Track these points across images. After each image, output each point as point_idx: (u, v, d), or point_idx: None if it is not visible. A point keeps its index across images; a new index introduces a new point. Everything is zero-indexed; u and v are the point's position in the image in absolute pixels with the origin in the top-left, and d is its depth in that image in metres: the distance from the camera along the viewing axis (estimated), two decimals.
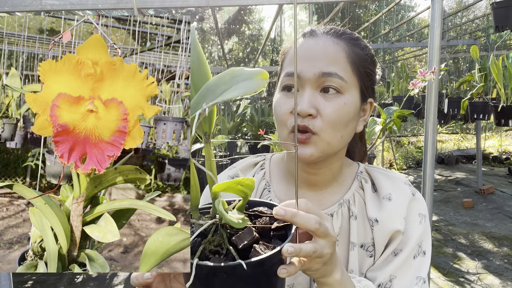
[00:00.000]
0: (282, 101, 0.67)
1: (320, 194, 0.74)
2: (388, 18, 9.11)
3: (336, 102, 0.64)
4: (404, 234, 0.68)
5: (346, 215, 0.71)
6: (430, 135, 1.84)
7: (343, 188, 0.74)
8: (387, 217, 0.69)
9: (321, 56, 0.65)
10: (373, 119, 2.42)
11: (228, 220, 0.47)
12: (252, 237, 0.48)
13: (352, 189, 0.73)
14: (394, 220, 0.68)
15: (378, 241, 0.69)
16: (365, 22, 9.13)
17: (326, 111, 0.64)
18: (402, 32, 8.68)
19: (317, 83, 0.65)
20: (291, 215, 0.49)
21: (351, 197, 0.72)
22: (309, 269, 0.52)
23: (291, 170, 0.75)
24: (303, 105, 0.63)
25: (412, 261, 0.67)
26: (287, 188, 0.75)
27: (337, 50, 0.66)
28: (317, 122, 0.64)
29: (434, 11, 1.74)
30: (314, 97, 0.64)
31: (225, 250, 0.48)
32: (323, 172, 0.72)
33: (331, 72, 0.64)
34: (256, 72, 0.45)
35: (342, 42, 0.67)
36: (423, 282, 0.66)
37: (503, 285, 3.06)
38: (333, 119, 0.64)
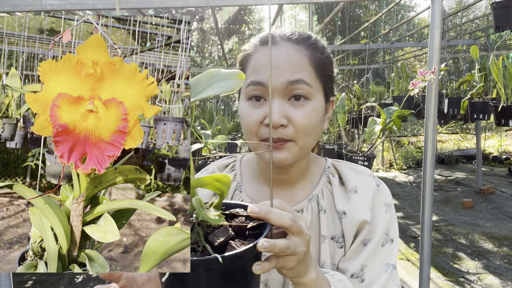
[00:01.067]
0: (249, 111, 0.67)
1: (291, 191, 0.76)
2: (388, 18, 9.11)
3: (305, 109, 0.66)
4: (371, 224, 0.71)
5: (316, 209, 0.74)
6: (430, 135, 1.84)
7: (312, 184, 0.77)
8: (354, 209, 0.71)
9: (286, 64, 0.65)
10: (373, 119, 2.42)
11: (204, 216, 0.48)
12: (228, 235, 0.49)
13: (320, 184, 0.76)
14: (361, 211, 0.71)
15: (347, 232, 0.71)
16: (365, 22, 9.13)
17: (297, 119, 0.65)
18: (402, 32, 8.68)
19: (285, 92, 0.65)
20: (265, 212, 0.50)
21: (319, 192, 0.75)
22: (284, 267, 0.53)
23: (261, 170, 0.77)
24: (274, 116, 0.64)
25: (380, 249, 0.70)
26: (259, 188, 0.77)
27: (300, 57, 0.67)
28: (290, 131, 0.65)
29: (434, 11, 1.74)
30: (284, 107, 0.65)
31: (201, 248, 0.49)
32: (293, 171, 0.74)
33: (298, 80, 0.65)
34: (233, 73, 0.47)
35: (304, 48, 0.68)
36: (393, 269, 0.70)
37: (503, 285, 3.06)
38: (305, 126, 0.65)
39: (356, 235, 0.72)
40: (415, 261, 3.53)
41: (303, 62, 0.67)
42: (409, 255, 3.70)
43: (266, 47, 0.69)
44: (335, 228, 0.73)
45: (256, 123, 0.66)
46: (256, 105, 0.67)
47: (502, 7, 2.83)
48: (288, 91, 0.66)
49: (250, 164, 0.81)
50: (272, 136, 0.64)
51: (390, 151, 8.21)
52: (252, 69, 0.69)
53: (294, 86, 0.65)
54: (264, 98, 0.66)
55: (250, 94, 0.67)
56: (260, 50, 0.69)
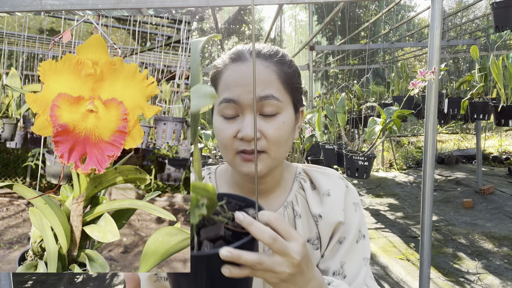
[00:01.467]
0: (223, 126, 0.70)
1: (267, 199, 0.79)
2: (388, 18, 9.11)
3: (276, 122, 0.69)
4: (345, 223, 0.76)
5: (292, 215, 0.77)
6: (430, 135, 1.84)
7: (286, 191, 0.80)
8: (329, 211, 0.76)
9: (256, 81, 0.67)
10: (373, 119, 2.42)
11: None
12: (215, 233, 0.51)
13: (293, 190, 0.80)
14: (336, 213, 0.76)
15: (323, 234, 0.76)
16: (365, 22, 9.13)
17: (268, 132, 0.68)
18: (402, 32, 8.68)
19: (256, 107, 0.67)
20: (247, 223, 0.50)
21: (293, 198, 0.79)
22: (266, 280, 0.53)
23: (236, 181, 0.79)
24: (247, 130, 0.66)
25: (356, 246, 0.76)
26: None
27: (269, 73, 0.70)
28: (262, 143, 0.68)
29: (434, 11, 1.74)
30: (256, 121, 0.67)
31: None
32: (268, 181, 0.77)
33: (268, 95, 0.68)
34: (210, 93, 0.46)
35: (272, 64, 0.71)
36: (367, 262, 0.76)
37: (503, 285, 3.06)
38: (276, 138, 0.69)
39: (331, 236, 0.77)
40: (415, 261, 3.53)
41: (272, 78, 0.70)
42: (409, 255, 3.70)
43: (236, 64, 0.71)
44: (310, 231, 0.77)
45: (230, 138, 0.69)
46: (229, 121, 0.70)
47: (502, 7, 2.83)
48: (258, 106, 0.69)
49: (225, 176, 0.83)
50: (245, 148, 0.68)
51: (390, 151, 8.22)
52: (223, 87, 0.71)
53: (264, 102, 0.68)
54: (238, 114, 0.69)
55: (223, 111, 0.70)
56: (230, 67, 0.71)
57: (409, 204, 5.40)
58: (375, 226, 4.57)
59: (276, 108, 0.69)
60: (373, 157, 2.59)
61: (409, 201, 5.52)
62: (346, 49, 7.52)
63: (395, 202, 5.51)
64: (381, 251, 3.80)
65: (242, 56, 0.71)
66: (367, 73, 4.39)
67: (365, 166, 2.56)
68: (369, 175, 2.61)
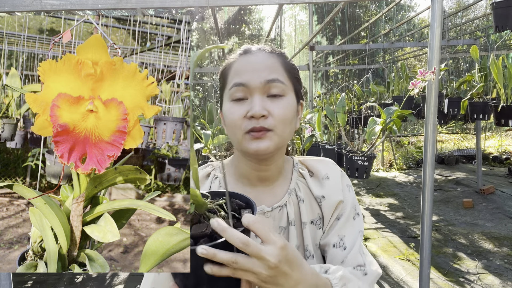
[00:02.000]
0: (234, 109, 0.77)
1: (272, 188, 0.87)
2: (388, 18, 9.11)
3: (281, 103, 0.77)
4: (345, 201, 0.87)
5: (295, 201, 0.86)
6: (430, 135, 1.84)
7: (287, 180, 0.89)
8: (331, 192, 0.86)
9: (263, 67, 0.78)
10: (373, 119, 2.42)
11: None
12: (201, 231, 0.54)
13: (293, 179, 0.89)
14: (336, 193, 0.86)
15: (326, 213, 0.86)
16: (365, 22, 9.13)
17: (275, 111, 0.76)
18: (402, 32, 8.68)
19: (263, 89, 0.77)
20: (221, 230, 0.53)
21: (295, 185, 0.88)
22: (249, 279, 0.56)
23: (242, 172, 0.86)
24: (256, 109, 0.74)
25: (353, 221, 0.86)
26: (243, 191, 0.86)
27: (275, 61, 0.80)
28: (270, 121, 0.75)
29: (434, 11, 1.74)
30: (264, 101, 0.76)
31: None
32: (272, 168, 0.85)
33: (274, 79, 0.77)
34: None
35: (276, 55, 0.82)
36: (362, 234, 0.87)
37: (503, 285, 3.06)
38: (282, 117, 0.76)
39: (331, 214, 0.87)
40: (415, 261, 3.53)
41: (277, 65, 0.80)
42: (409, 255, 3.70)
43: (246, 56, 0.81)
44: (313, 213, 0.86)
45: (240, 118, 0.76)
46: (238, 104, 0.77)
47: (502, 7, 2.83)
48: (266, 89, 0.77)
49: (230, 168, 0.89)
50: (254, 126, 0.74)
51: (390, 151, 8.22)
52: (234, 73, 0.79)
53: (271, 84, 0.77)
54: (246, 97, 0.77)
55: (234, 95, 0.78)
56: (241, 59, 0.81)
57: (409, 204, 5.40)
58: (375, 226, 4.57)
59: (281, 90, 0.77)
60: (373, 157, 2.59)
61: (409, 201, 5.52)
62: (346, 49, 7.52)
63: (395, 202, 5.51)
64: (381, 251, 3.81)
65: (250, 50, 0.82)
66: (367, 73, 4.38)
67: (365, 166, 2.56)
68: (369, 175, 2.61)
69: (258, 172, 0.84)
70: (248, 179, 0.85)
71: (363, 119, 3.62)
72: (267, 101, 0.76)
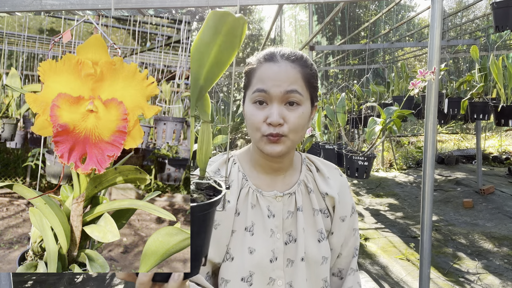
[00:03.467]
0: (255, 112, 0.87)
1: (284, 177, 0.97)
2: (388, 18, 9.11)
3: (297, 112, 0.86)
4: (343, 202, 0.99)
5: (305, 191, 0.98)
6: (430, 135, 1.84)
7: (297, 172, 1.00)
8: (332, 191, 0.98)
9: (284, 78, 0.86)
10: (373, 119, 2.42)
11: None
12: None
13: (303, 171, 1.00)
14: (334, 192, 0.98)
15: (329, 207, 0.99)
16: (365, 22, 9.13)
17: (291, 120, 0.85)
18: (402, 32, 8.68)
19: (282, 98, 0.85)
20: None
21: (304, 177, 0.99)
22: None
23: (257, 161, 0.96)
24: (274, 117, 0.83)
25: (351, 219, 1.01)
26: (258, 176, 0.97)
27: (295, 72, 0.87)
28: (285, 128, 0.85)
29: (434, 11, 1.74)
30: (281, 110, 0.85)
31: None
32: (284, 161, 0.95)
33: (293, 90, 0.85)
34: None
35: (298, 66, 0.88)
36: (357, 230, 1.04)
37: (503, 285, 3.06)
38: (296, 125, 0.86)
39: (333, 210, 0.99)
40: (415, 261, 3.53)
41: (297, 77, 0.87)
42: (409, 255, 3.70)
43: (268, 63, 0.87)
44: (320, 204, 0.98)
45: (260, 121, 0.85)
46: (259, 108, 0.86)
47: (502, 7, 2.83)
48: (284, 98, 0.85)
49: (246, 156, 0.99)
50: (272, 132, 0.84)
51: (390, 151, 8.22)
52: (257, 79, 0.87)
53: (289, 95, 0.85)
54: (266, 102, 0.86)
55: (256, 99, 0.86)
56: (264, 65, 0.88)
57: (409, 204, 5.40)
58: (375, 226, 4.58)
59: (298, 100, 0.86)
60: (373, 157, 2.59)
61: (409, 201, 5.52)
62: (346, 49, 7.52)
63: (395, 202, 5.51)
64: (381, 251, 3.81)
65: (274, 57, 0.88)
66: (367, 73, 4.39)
67: (365, 166, 2.56)
68: (369, 175, 2.60)
69: (272, 163, 0.94)
70: (262, 167, 0.96)
71: (363, 119, 3.62)
72: (284, 109, 0.85)
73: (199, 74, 0.57)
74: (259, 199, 0.92)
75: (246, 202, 0.92)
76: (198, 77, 0.57)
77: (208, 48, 0.55)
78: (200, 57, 0.55)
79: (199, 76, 0.57)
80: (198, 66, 0.56)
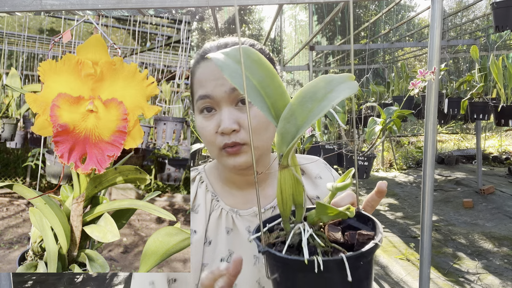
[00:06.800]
0: (204, 124, 0.71)
1: (261, 189, 0.80)
2: (388, 18, 9.11)
3: (252, 111, 0.68)
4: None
5: None
6: (430, 135, 1.84)
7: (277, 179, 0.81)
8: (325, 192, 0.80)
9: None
10: (373, 119, 2.42)
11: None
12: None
13: None
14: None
15: None
16: (365, 22, 9.13)
17: (246, 122, 0.68)
18: (402, 32, 8.68)
19: (230, 99, 0.69)
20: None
21: None
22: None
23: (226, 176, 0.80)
24: (225, 123, 0.67)
25: None
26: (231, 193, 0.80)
27: None
28: (242, 135, 0.68)
29: (434, 11, 1.74)
30: (232, 113, 0.68)
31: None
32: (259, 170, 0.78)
33: None
34: (346, 75, 0.45)
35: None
36: None
37: (503, 285, 3.06)
38: (254, 127, 0.69)
39: None
40: (415, 261, 3.53)
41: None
42: (409, 255, 3.70)
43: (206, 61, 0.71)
44: None
45: (212, 134, 0.69)
46: (208, 117, 0.70)
47: (502, 7, 2.83)
48: (233, 98, 0.68)
49: (215, 172, 0.83)
50: (227, 142, 0.68)
51: (390, 151, 8.21)
52: (197, 84, 0.72)
53: (236, 92, 0.68)
54: (214, 108, 0.70)
55: (201, 107, 0.71)
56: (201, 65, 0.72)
57: (409, 204, 5.40)
58: None
59: None
60: (373, 157, 2.59)
61: (409, 201, 5.52)
62: (346, 49, 7.52)
63: (395, 202, 5.51)
64: (381, 251, 3.81)
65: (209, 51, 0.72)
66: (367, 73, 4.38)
67: (365, 166, 2.56)
68: (369, 175, 2.61)
69: (244, 176, 0.78)
70: (234, 183, 0.79)
71: (363, 119, 3.62)
72: (236, 111, 0.69)
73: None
74: (236, 221, 0.76)
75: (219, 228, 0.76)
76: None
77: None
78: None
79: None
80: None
